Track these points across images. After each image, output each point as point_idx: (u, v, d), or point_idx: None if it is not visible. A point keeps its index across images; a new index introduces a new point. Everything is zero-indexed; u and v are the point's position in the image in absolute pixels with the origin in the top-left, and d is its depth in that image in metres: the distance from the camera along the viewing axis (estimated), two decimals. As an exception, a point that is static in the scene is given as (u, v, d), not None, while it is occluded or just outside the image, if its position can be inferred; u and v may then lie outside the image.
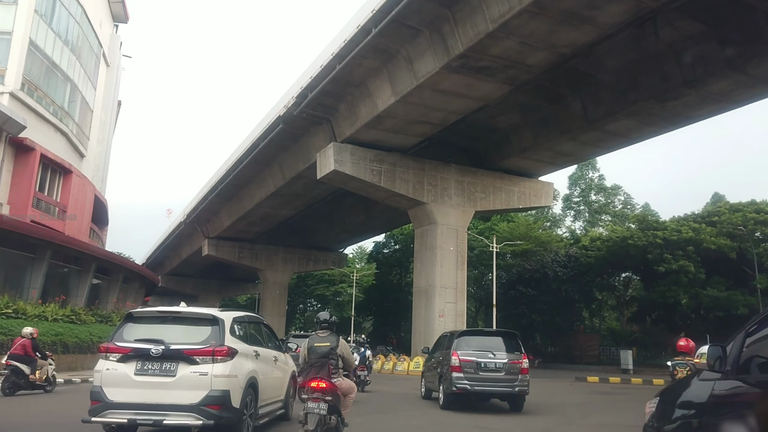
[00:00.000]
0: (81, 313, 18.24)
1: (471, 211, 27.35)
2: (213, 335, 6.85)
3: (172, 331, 6.89)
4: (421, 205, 26.49)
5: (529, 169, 28.30)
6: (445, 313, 25.65)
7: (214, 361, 6.63)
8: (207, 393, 6.50)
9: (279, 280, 47.17)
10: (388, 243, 50.30)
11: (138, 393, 6.50)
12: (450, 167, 27.22)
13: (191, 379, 6.55)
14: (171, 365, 6.58)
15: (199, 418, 6.42)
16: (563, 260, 34.03)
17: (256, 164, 32.23)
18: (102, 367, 6.71)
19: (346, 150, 24.72)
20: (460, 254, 26.62)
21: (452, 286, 26.14)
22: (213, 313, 7.18)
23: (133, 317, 7.18)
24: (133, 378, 6.56)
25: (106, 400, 6.52)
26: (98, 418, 6.52)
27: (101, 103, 24.15)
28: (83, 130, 21.54)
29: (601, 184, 44.55)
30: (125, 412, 6.47)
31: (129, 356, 6.64)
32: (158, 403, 6.45)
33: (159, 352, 6.55)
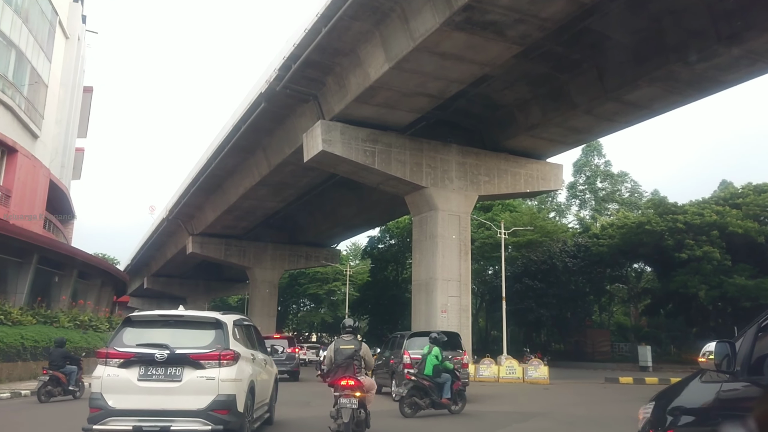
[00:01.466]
0: (13, 312, 15.60)
1: (474, 196, 24.88)
2: (217, 339, 6.71)
3: (174, 335, 6.72)
4: (420, 189, 24.01)
5: (536, 149, 25.86)
6: (448, 308, 23.18)
7: (221, 366, 6.48)
8: (214, 398, 6.38)
9: (268, 278, 44.56)
10: (383, 237, 47.84)
11: (142, 399, 6.33)
12: (451, 148, 24.75)
13: (198, 383, 6.41)
14: (176, 370, 6.42)
15: (207, 424, 6.28)
16: (572, 250, 31.65)
17: (239, 151, 29.68)
18: (102, 373, 6.45)
19: (336, 128, 22.21)
20: (463, 243, 24.15)
21: (455, 278, 23.67)
22: (216, 317, 7.06)
23: (131, 321, 6.97)
24: (137, 384, 6.38)
25: (107, 408, 6.31)
26: (99, 425, 6.29)
27: (59, 79, 21.67)
28: (35, 106, 19.10)
29: (607, 170, 42.20)
30: (129, 419, 6.26)
31: (131, 361, 6.43)
32: (164, 410, 6.28)
33: (164, 357, 6.38)
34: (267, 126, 26.52)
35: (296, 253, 45.90)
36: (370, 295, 47.51)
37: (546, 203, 42.63)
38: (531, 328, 32.93)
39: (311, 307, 65.48)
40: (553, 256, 31.47)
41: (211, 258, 43.58)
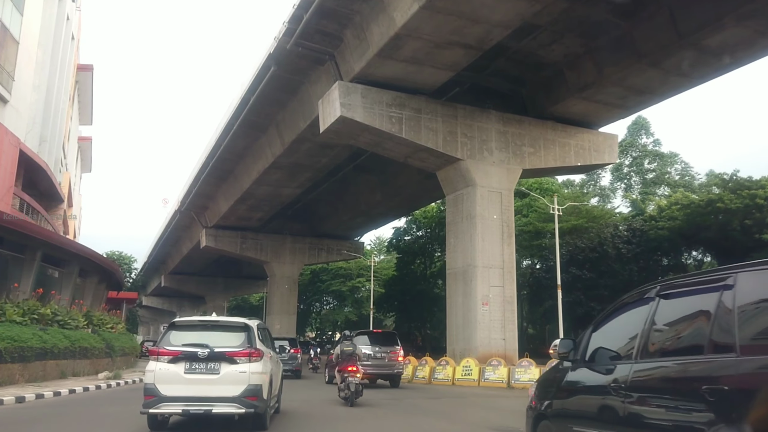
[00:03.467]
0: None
1: (517, 170, 21.48)
2: (247, 340, 8.13)
3: (212, 336, 8.13)
4: (454, 163, 20.71)
5: (588, 115, 22.34)
6: (489, 300, 19.85)
7: (250, 361, 7.90)
8: (246, 387, 7.75)
9: (287, 274, 41.64)
10: (409, 228, 44.55)
11: (188, 388, 7.68)
12: (489, 114, 21.39)
13: (233, 375, 7.77)
14: (215, 365, 7.79)
15: (241, 407, 7.72)
16: (625, 235, 27.95)
17: (250, 129, 26.74)
18: (155, 368, 7.77)
19: (356, 91, 19.03)
20: (506, 224, 20.78)
21: (498, 265, 20.32)
22: (244, 322, 8.63)
23: (175, 325, 8.42)
24: (183, 376, 7.72)
25: (159, 395, 7.62)
26: (154, 409, 7.65)
27: (36, 38, 19.03)
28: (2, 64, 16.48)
29: (656, 150, 38.26)
30: (178, 404, 7.65)
31: (178, 358, 7.78)
32: (206, 396, 7.66)
33: (205, 354, 7.75)
34: (279, 97, 23.50)
35: (317, 246, 42.92)
36: (396, 290, 44.27)
37: (588, 187, 38.94)
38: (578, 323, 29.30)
39: (335, 305, 62.48)
40: (604, 241, 27.83)
41: (225, 252, 40.81)
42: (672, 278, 4.01)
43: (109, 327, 18.38)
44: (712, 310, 3.23)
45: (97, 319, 17.54)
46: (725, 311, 3.13)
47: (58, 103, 20.93)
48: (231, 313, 78.27)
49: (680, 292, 3.75)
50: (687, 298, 3.65)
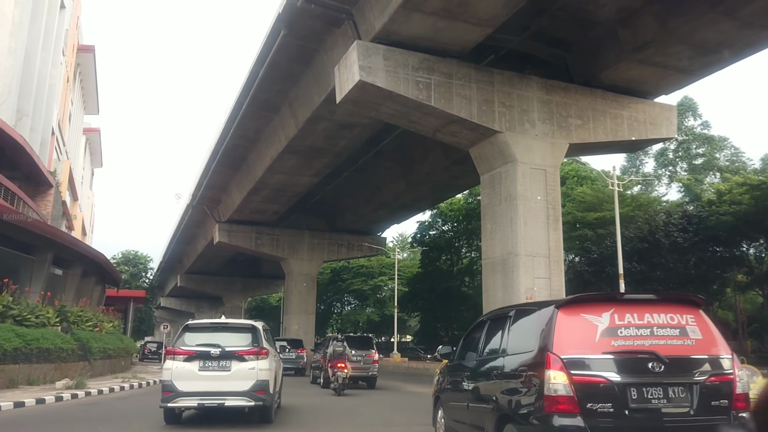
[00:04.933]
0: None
1: (563, 145, 18.68)
2: (254, 339, 8.94)
3: (222, 337, 8.91)
4: (491, 136, 18.00)
5: (645, 82, 19.46)
6: (534, 293, 17.07)
7: (258, 359, 8.71)
8: (254, 382, 8.53)
9: (305, 271, 39.26)
10: (434, 222, 41.84)
11: (202, 384, 8.44)
12: (530, 81, 18.65)
13: (243, 372, 8.53)
14: (227, 363, 8.57)
15: (250, 401, 8.55)
16: (681, 223, 24.88)
17: (261, 109, 24.36)
18: (171, 366, 8.49)
19: (377, 52, 16.45)
20: (551, 206, 18.02)
21: (543, 253, 17.56)
22: (252, 323, 9.42)
23: (189, 328, 9.14)
24: (198, 373, 8.46)
25: (177, 390, 8.38)
26: (172, 403, 8.45)
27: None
28: (-35, 18, 14.56)
29: (704, 134, 34.96)
30: (193, 398, 8.43)
31: (193, 357, 8.56)
32: (219, 391, 8.45)
33: (217, 353, 8.55)
34: (291, 69, 21.07)
35: (336, 242, 40.47)
36: (421, 288, 41.60)
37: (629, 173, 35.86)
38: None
39: (356, 305, 59.96)
40: (656, 230, 24.79)
41: (240, 248, 38.56)
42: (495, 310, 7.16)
43: (90, 325, 16.02)
44: (505, 330, 5.84)
45: (74, 316, 15.19)
46: (507, 331, 5.78)
47: (44, 75, 18.86)
48: (250, 314, 76.40)
49: (495, 318, 6.40)
50: (497, 321, 6.20)
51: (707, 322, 4.95)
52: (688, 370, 4.73)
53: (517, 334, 5.52)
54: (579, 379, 4.50)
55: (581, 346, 4.68)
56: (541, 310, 5.24)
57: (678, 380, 4.64)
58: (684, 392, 4.62)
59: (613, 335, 4.72)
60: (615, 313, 4.81)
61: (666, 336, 4.79)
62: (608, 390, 4.51)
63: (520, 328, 5.53)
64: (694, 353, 4.79)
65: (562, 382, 4.48)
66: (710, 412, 4.58)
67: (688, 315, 4.92)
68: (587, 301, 5.07)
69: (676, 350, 4.73)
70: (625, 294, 6.14)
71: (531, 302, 6.51)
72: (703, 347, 4.80)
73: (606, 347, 4.67)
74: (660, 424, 4.57)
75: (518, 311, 5.84)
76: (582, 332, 4.76)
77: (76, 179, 34.53)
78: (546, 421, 4.49)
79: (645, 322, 4.80)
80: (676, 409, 4.59)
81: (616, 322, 4.77)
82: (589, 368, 4.57)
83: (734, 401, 4.66)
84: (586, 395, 4.47)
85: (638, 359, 4.65)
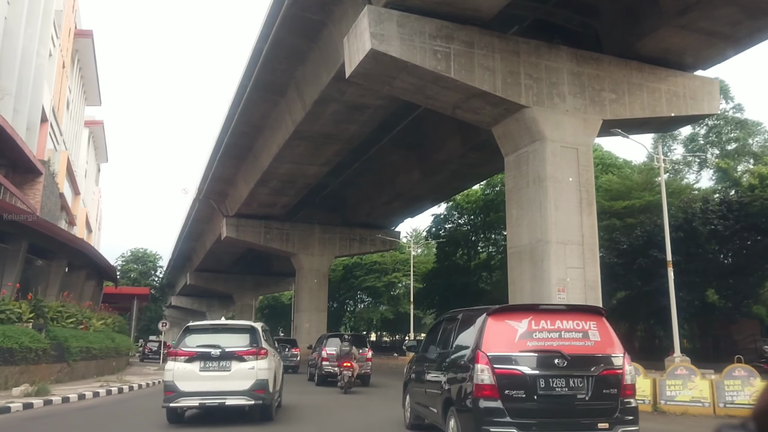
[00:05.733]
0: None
1: (596, 121, 16.95)
2: (253, 340, 9.09)
3: (222, 338, 9.08)
4: (517, 112, 16.32)
5: (685, 52, 17.65)
6: (567, 285, 15.41)
7: (257, 359, 8.86)
8: (254, 381, 8.70)
9: (316, 267, 37.76)
10: (450, 215, 40.15)
11: (203, 384, 8.61)
12: (559, 51, 16.93)
13: (243, 372, 8.72)
14: (227, 363, 8.72)
15: (250, 400, 8.69)
16: (720, 210, 22.98)
17: (266, 92, 22.88)
18: (173, 367, 8.66)
19: (391, 18, 14.83)
20: (584, 188, 16.32)
21: (576, 240, 15.87)
22: (251, 324, 9.65)
23: (190, 329, 9.34)
24: (199, 373, 8.64)
25: (178, 390, 8.49)
26: (174, 403, 8.56)
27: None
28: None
29: (737, 117, 32.91)
30: (195, 398, 8.56)
31: (194, 358, 8.69)
32: (220, 391, 8.56)
33: (217, 354, 8.70)
34: (296, 46, 19.56)
35: (348, 237, 38.92)
36: (437, 284, 39.94)
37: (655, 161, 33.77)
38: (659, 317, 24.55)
39: (369, 302, 58.38)
40: (693, 218, 22.91)
41: (248, 243, 37.16)
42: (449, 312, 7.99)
43: (72, 322, 14.49)
44: (455, 329, 6.94)
45: (53, 312, 13.65)
46: (456, 330, 6.88)
47: (30, 53, 17.51)
48: (262, 313, 75.20)
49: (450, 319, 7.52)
50: (451, 321, 7.34)
51: (607, 328, 6.14)
52: (586, 365, 5.85)
53: (462, 334, 6.68)
54: (500, 371, 5.67)
55: (504, 345, 5.82)
56: (479, 316, 6.27)
57: (577, 373, 5.79)
58: (582, 382, 5.79)
59: (529, 337, 5.88)
60: (532, 320, 5.96)
61: (571, 338, 5.92)
62: (522, 380, 5.68)
63: (464, 329, 6.66)
64: (592, 352, 5.95)
65: (487, 373, 5.64)
66: (602, 398, 5.80)
67: (592, 322, 6.08)
68: (511, 310, 6.39)
69: (578, 350, 5.88)
70: (541, 305, 7.13)
71: (474, 308, 6.98)
72: (600, 348, 5.97)
73: (523, 347, 5.84)
74: (561, 407, 5.77)
75: (465, 315, 6.95)
76: (505, 334, 5.89)
77: (78, 173, 33.29)
78: (475, 404, 5.68)
79: (555, 327, 5.93)
80: (575, 396, 5.76)
81: (532, 327, 5.92)
82: (508, 363, 5.72)
83: (622, 390, 5.90)
84: (505, 384, 5.65)
85: (547, 356, 5.79)
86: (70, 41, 25.40)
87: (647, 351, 27.65)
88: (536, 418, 5.71)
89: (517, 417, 5.63)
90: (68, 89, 26.36)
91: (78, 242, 17.69)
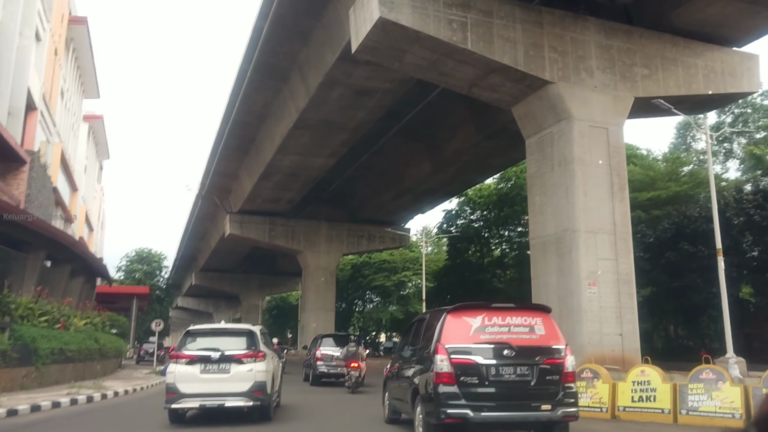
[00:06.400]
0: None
1: (628, 98, 15.45)
2: (252, 343, 9.41)
3: (222, 341, 9.37)
4: (541, 88, 14.86)
5: (724, 24, 16.10)
6: (598, 278, 13.92)
7: (256, 361, 9.14)
8: (252, 383, 8.99)
9: (323, 265, 36.40)
10: (461, 211, 38.66)
11: (204, 386, 8.90)
12: (586, 22, 15.44)
13: (241, 374, 9.00)
14: (226, 365, 9.01)
15: (249, 401, 9.02)
16: (756, 199, 21.40)
17: (268, 78, 21.55)
18: (174, 369, 8.97)
19: (401, -16, 13.40)
20: (615, 172, 14.85)
21: (607, 229, 14.39)
22: (249, 328, 10.05)
23: (191, 333, 9.65)
24: (199, 376, 8.93)
25: (179, 392, 8.83)
26: (175, 405, 8.92)
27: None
28: None
29: (765, 105, 31.16)
30: (195, 399, 8.91)
31: (195, 360, 8.99)
32: (219, 392, 8.91)
33: (217, 357, 8.99)
34: (298, 24, 18.20)
35: (356, 233, 37.53)
36: (449, 282, 38.47)
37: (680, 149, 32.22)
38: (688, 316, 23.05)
39: (378, 302, 56.87)
40: (726, 208, 21.33)
41: (252, 241, 35.86)
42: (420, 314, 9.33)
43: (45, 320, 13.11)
44: (422, 328, 7.79)
45: (23, 309, 12.23)
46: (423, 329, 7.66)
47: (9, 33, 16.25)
48: (270, 314, 73.93)
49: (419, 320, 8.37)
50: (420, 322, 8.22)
51: (552, 323, 7.04)
52: (531, 355, 6.73)
53: (428, 332, 7.33)
54: (457, 361, 6.57)
55: (460, 338, 6.72)
56: (441, 315, 7.09)
57: (524, 362, 6.69)
58: (528, 370, 6.70)
59: (482, 332, 6.78)
60: (485, 316, 6.84)
61: (519, 332, 6.81)
62: (475, 368, 6.58)
63: (430, 327, 7.27)
64: (537, 344, 6.83)
65: (446, 363, 6.54)
66: (546, 383, 6.69)
67: (538, 318, 6.98)
68: (468, 308, 7.07)
69: (524, 342, 6.78)
70: (493, 303, 7.29)
71: (438, 308, 7.91)
72: (544, 340, 6.86)
73: (476, 339, 6.74)
74: (510, 391, 6.67)
75: (431, 315, 7.74)
76: (461, 329, 6.77)
77: (76, 169, 32.12)
78: (435, 390, 6.57)
79: (505, 322, 6.83)
80: (521, 382, 6.66)
81: (485, 322, 6.81)
82: (463, 354, 6.62)
83: (564, 377, 6.76)
84: (461, 372, 6.55)
85: (497, 348, 6.70)
86: (63, 27, 24.19)
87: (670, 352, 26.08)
88: (488, 401, 6.48)
89: (471, 400, 6.41)
90: (62, 78, 25.15)
91: (59, 234, 16.37)
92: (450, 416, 6.39)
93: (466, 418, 6.37)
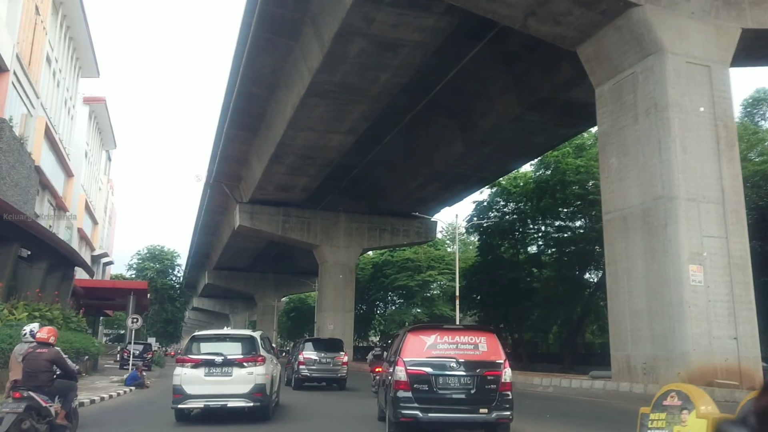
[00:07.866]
0: None
1: (734, 30, 11.90)
2: (252, 348, 10.05)
3: (225, 346, 10.08)
4: (621, 15, 11.41)
5: None
6: (704, 261, 10.39)
7: (256, 365, 9.78)
8: (253, 385, 9.62)
9: (342, 260, 33.23)
10: (494, 203, 35.10)
11: (208, 387, 9.56)
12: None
13: (243, 377, 9.67)
14: (228, 369, 9.70)
15: (249, 402, 9.60)
16: None
17: (275, 33, 18.42)
18: (181, 372, 9.63)
19: None
20: (722, 123, 11.34)
21: (713, 197, 10.90)
22: (250, 334, 10.74)
23: (196, 338, 10.33)
24: (204, 378, 9.61)
25: (185, 393, 9.50)
26: (182, 405, 9.59)
27: None
28: None
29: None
30: (200, 400, 9.59)
31: (199, 364, 9.68)
32: (222, 394, 9.56)
33: (220, 361, 9.68)
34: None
35: (378, 226, 34.30)
36: (480, 281, 34.92)
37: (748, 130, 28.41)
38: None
39: (401, 304, 53.41)
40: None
41: (264, 233, 32.81)
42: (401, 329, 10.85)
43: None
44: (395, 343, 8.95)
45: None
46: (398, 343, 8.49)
47: None
48: (287, 316, 70.99)
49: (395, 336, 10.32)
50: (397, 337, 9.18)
51: (495, 341, 8.04)
52: (473, 368, 7.71)
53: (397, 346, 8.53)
54: (411, 371, 7.65)
55: (416, 353, 7.80)
56: (405, 333, 8.35)
57: (467, 373, 7.69)
58: (470, 380, 7.71)
59: (433, 348, 7.85)
60: (438, 335, 7.96)
61: (464, 349, 7.84)
62: (426, 378, 7.64)
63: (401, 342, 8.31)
64: (479, 358, 7.80)
65: (403, 373, 7.64)
66: (485, 392, 7.68)
67: (483, 337, 8.02)
68: (424, 328, 8.34)
69: (468, 357, 7.75)
70: (445, 325, 8.80)
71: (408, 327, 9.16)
72: (486, 356, 7.82)
73: (429, 354, 7.80)
74: (453, 397, 7.72)
75: (403, 332, 8.78)
76: (417, 346, 7.89)
77: (73, 152, 29.39)
78: (395, 394, 7.66)
79: (454, 340, 7.90)
80: (464, 389, 7.69)
81: (437, 340, 7.90)
82: (417, 366, 7.69)
83: (501, 386, 7.69)
84: (414, 380, 7.62)
85: (444, 361, 7.71)
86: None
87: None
88: (435, 405, 7.63)
89: (421, 403, 7.57)
90: (48, 45, 22.34)
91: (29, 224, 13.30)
92: (404, 416, 7.57)
93: (416, 418, 7.52)
